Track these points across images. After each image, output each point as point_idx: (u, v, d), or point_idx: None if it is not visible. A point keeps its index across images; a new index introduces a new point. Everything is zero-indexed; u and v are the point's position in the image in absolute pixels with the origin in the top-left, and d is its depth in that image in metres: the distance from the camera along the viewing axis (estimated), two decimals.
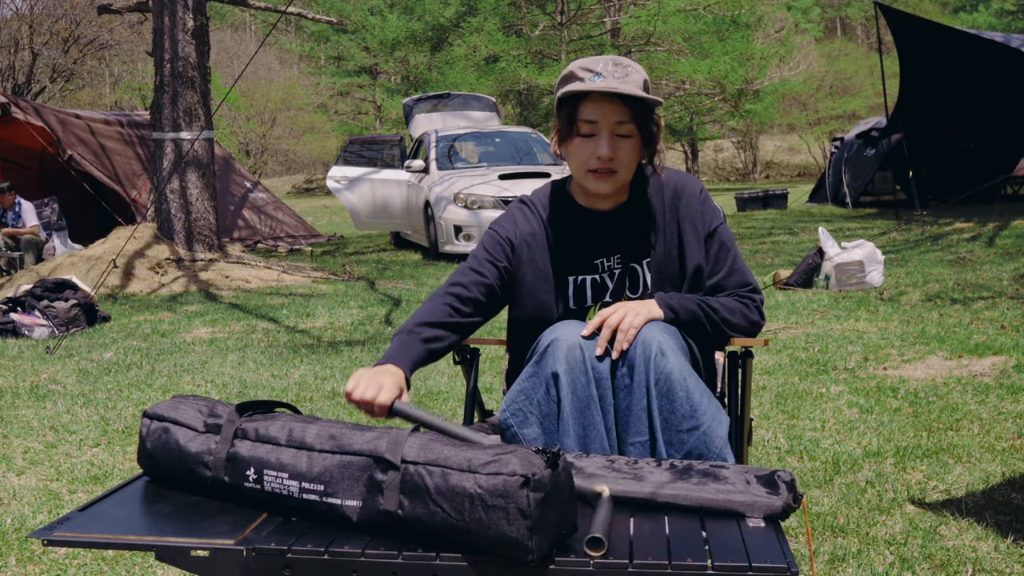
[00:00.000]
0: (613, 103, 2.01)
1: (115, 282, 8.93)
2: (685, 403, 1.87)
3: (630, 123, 2.03)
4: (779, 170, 34.79)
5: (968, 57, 13.64)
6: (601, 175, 2.06)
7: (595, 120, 2.03)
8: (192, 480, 1.74)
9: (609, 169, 2.05)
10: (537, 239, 2.16)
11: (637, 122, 2.03)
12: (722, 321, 2.06)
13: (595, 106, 2.02)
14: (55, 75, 26.99)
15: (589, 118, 2.03)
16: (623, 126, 2.03)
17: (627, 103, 2.01)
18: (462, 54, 22.90)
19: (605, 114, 2.02)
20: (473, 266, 2.16)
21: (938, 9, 40.53)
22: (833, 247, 7.45)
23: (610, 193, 2.11)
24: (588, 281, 2.14)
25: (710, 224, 2.13)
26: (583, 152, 2.05)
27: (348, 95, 38.41)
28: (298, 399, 4.63)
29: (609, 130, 2.03)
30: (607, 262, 2.14)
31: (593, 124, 2.03)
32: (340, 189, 12.47)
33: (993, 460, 3.34)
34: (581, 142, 2.06)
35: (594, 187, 2.08)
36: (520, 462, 1.46)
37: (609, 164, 2.04)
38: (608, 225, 2.15)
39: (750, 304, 2.11)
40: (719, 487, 1.67)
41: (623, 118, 2.02)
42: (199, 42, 9.91)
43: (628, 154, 2.05)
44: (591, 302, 2.14)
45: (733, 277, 2.12)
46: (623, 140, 2.04)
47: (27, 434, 4.16)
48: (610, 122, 2.02)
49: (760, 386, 4.49)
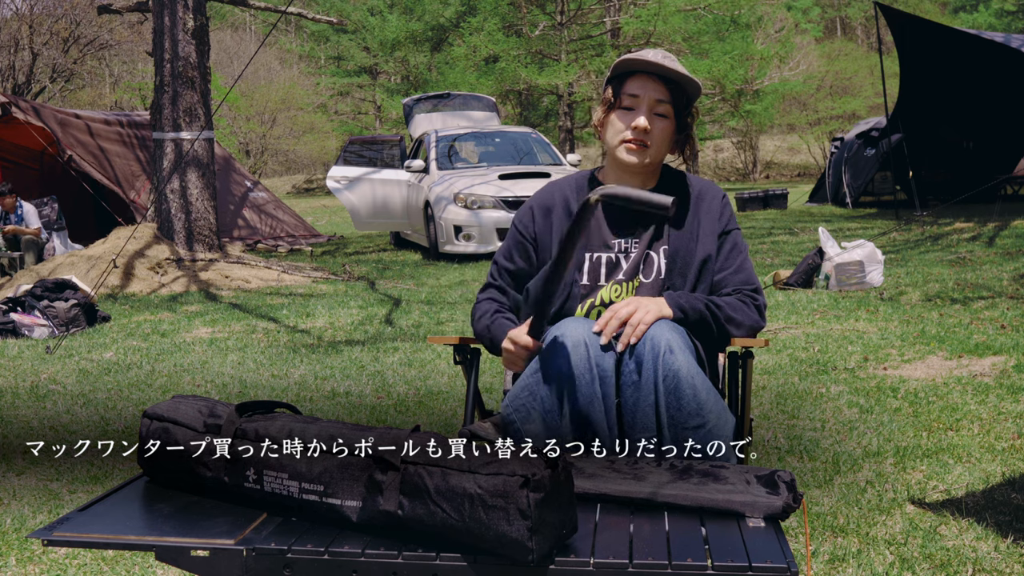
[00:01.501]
0: (655, 81, 2.19)
1: (115, 282, 8.93)
2: (692, 401, 1.88)
3: (668, 103, 2.20)
4: (779, 170, 34.77)
5: (968, 57, 13.64)
6: (634, 146, 2.20)
7: (637, 95, 2.20)
8: (192, 480, 1.74)
9: (642, 142, 2.19)
10: (558, 223, 2.26)
11: (675, 104, 2.20)
12: (727, 321, 2.12)
13: (639, 82, 2.20)
14: (55, 75, 26.97)
15: (632, 92, 2.20)
16: (661, 105, 2.20)
17: (668, 85, 2.19)
18: (462, 54, 22.89)
19: (647, 90, 2.19)
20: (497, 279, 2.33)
21: (938, 9, 40.50)
22: (833, 247, 7.45)
23: (639, 167, 2.22)
24: (603, 259, 2.21)
25: (727, 225, 2.25)
26: (621, 123, 2.22)
27: (348, 95, 38.39)
28: (298, 399, 4.63)
29: (648, 106, 2.19)
30: (624, 243, 2.22)
31: (635, 98, 2.20)
32: (340, 189, 12.46)
33: (993, 460, 3.34)
34: (621, 114, 2.22)
35: (626, 157, 2.22)
36: (520, 462, 1.46)
37: (643, 136, 2.19)
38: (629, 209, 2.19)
39: (751, 304, 2.17)
40: (719, 487, 1.67)
41: (663, 97, 2.19)
42: (199, 42, 9.91)
43: (661, 134, 2.21)
44: (604, 280, 2.20)
45: (740, 275, 2.21)
46: (659, 119, 2.20)
47: (27, 434, 4.16)
48: (650, 99, 2.19)
49: (760, 386, 4.49)
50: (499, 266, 2.33)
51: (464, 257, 10.79)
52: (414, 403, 4.47)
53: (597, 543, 1.52)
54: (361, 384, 4.90)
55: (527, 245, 2.29)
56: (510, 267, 2.31)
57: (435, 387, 4.76)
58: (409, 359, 5.44)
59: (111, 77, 35.48)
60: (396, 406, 4.43)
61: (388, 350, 5.72)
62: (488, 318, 2.24)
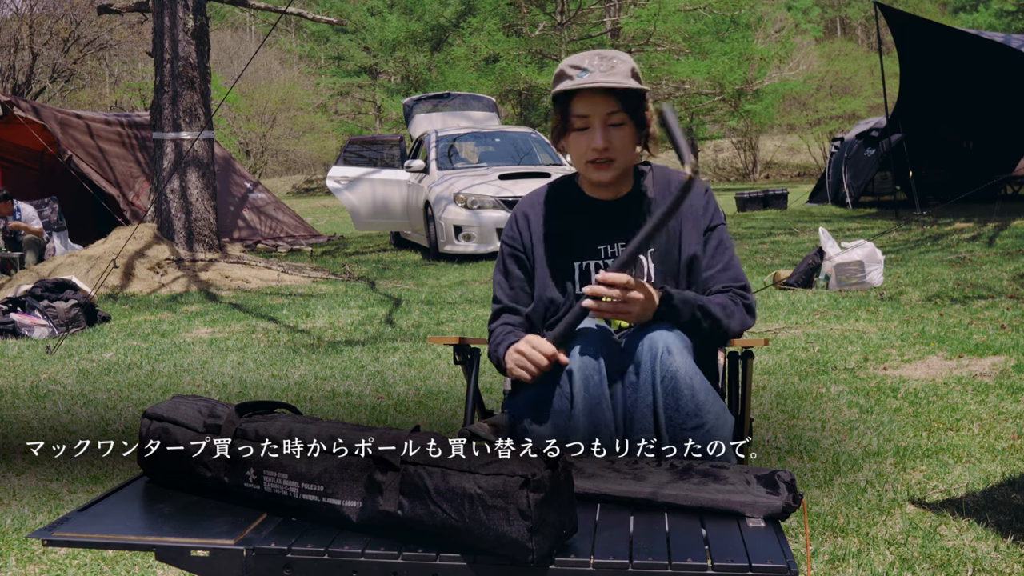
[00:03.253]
0: (602, 96, 2.10)
1: (115, 282, 8.93)
2: (690, 402, 1.88)
3: (620, 112, 2.12)
4: (779, 170, 34.78)
5: (968, 57, 13.64)
6: (599, 165, 2.15)
7: (586, 114, 2.12)
8: (192, 480, 1.74)
9: (606, 158, 2.14)
10: (545, 233, 2.24)
11: (627, 110, 2.13)
12: (717, 322, 2.10)
13: (585, 101, 2.12)
14: (55, 75, 26.97)
15: (581, 113, 2.13)
16: (614, 116, 2.12)
17: (615, 94, 2.10)
18: (462, 54, 22.90)
19: (595, 107, 2.11)
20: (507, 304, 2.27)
21: (938, 9, 40.49)
22: (833, 247, 7.45)
23: (611, 181, 2.19)
24: (593, 266, 2.20)
25: (711, 220, 2.21)
26: (580, 145, 2.16)
27: (348, 95, 38.39)
28: (298, 399, 4.63)
29: (601, 121, 2.12)
30: (612, 248, 2.20)
31: (585, 118, 2.13)
32: (340, 189, 12.46)
33: (993, 460, 3.34)
34: (577, 136, 2.16)
35: (595, 177, 2.18)
36: (520, 462, 1.46)
37: (605, 154, 2.13)
38: (613, 213, 2.22)
39: (741, 303, 2.16)
40: (719, 487, 1.67)
41: (613, 108, 2.11)
42: (199, 42, 9.91)
43: (623, 142, 2.14)
44: None
45: (728, 272, 2.18)
46: (616, 129, 2.13)
47: (27, 434, 4.16)
48: (601, 114, 2.12)
49: (760, 386, 4.49)
50: (501, 287, 2.28)
51: (464, 257, 10.79)
52: (414, 403, 4.47)
53: (597, 543, 1.52)
54: (361, 384, 4.90)
55: (519, 255, 2.26)
56: (511, 282, 2.27)
57: (435, 387, 4.76)
58: (409, 359, 5.44)
59: (111, 77, 35.47)
60: (396, 406, 4.43)
61: (388, 350, 5.72)
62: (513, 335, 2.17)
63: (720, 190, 26.48)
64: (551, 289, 2.20)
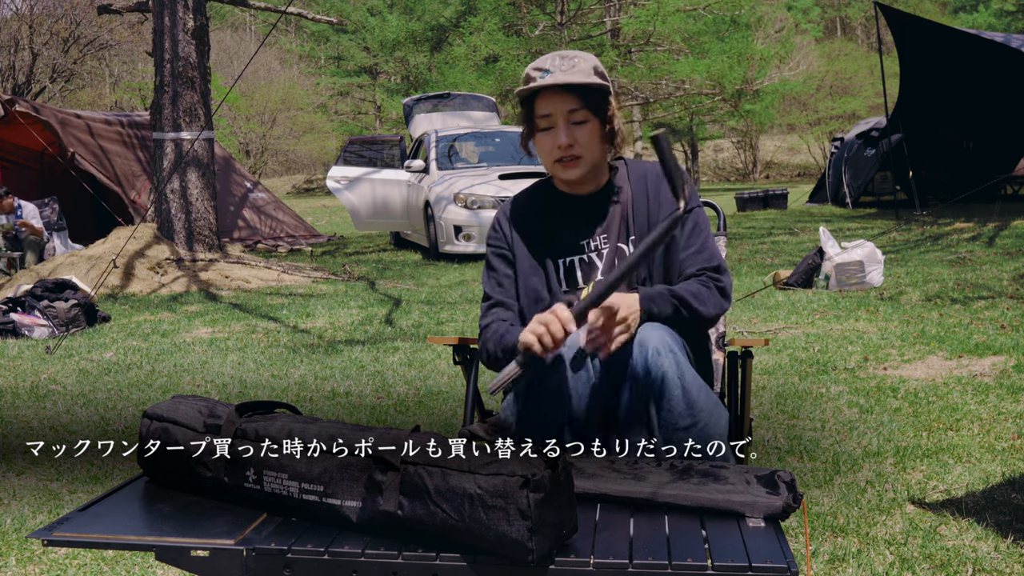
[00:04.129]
0: (562, 95, 2.13)
1: (115, 282, 8.93)
2: (681, 401, 1.89)
3: (582, 109, 2.14)
4: (779, 170, 34.78)
5: (968, 57, 13.64)
6: (566, 163, 2.17)
7: (549, 113, 2.15)
8: (192, 481, 1.74)
9: (572, 155, 2.16)
10: (527, 233, 2.25)
11: (590, 107, 2.14)
12: (694, 314, 2.09)
13: (547, 100, 2.14)
14: (55, 75, 26.98)
15: (543, 112, 2.16)
16: (576, 113, 2.14)
17: (575, 92, 2.12)
18: (462, 54, 22.89)
19: (556, 106, 2.14)
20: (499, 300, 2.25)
21: (938, 9, 40.48)
22: (833, 247, 7.45)
23: (580, 179, 2.21)
24: (576, 261, 2.21)
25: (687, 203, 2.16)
26: (546, 145, 2.18)
27: (348, 95, 38.39)
28: (298, 399, 4.63)
29: (564, 120, 2.14)
30: (593, 242, 2.22)
31: (548, 117, 2.15)
32: (340, 189, 12.47)
33: (993, 460, 3.34)
34: (542, 136, 2.18)
35: (563, 175, 2.20)
36: (520, 462, 1.46)
37: (570, 151, 2.15)
38: (590, 208, 2.24)
39: (714, 287, 2.14)
40: (719, 487, 1.67)
41: (574, 106, 2.13)
42: (199, 42, 9.91)
43: (588, 138, 2.16)
44: (582, 283, 2.20)
45: (703, 254, 2.18)
46: (579, 127, 2.15)
47: (27, 434, 4.16)
48: (563, 112, 2.14)
49: (760, 386, 4.49)
50: (491, 285, 2.27)
51: (464, 257, 10.79)
52: (414, 403, 4.47)
53: (597, 543, 1.52)
54: (361, 384, 4.90)
55: (505, 254, 2.27)
56: (501, 279, 2.26)
57: (435, 387, 4.76)
58: (409, 359, 5.44)
59: (111, 77, 35.47)
60: (396, 406, 4.43)
61: (388, 350, 5.72)
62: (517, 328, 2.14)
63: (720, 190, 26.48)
64: (535, 288, 2.20)
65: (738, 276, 8.29)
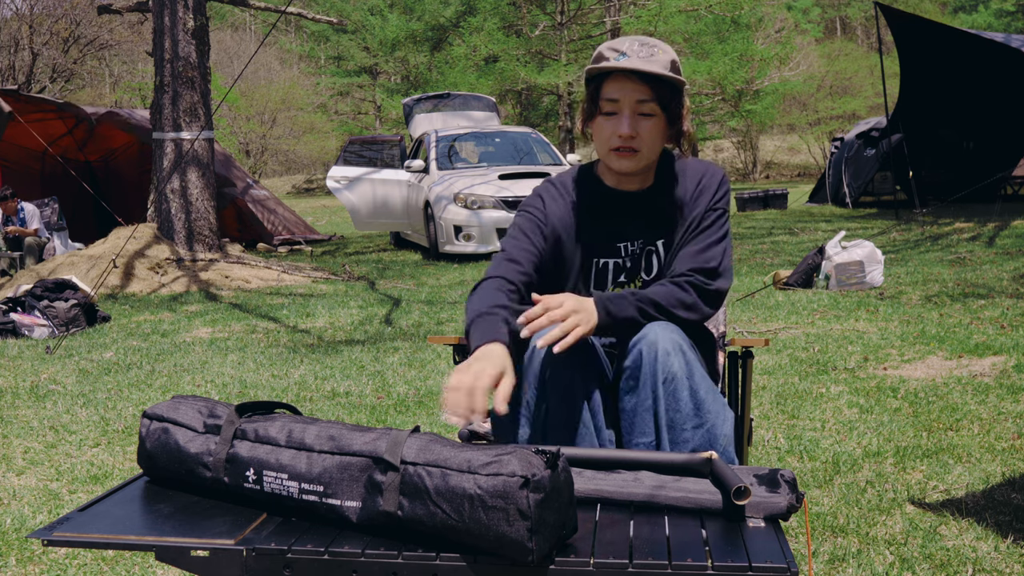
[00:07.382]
0: (634, 82, 2.01)
1: (115, 282, 8.93)
2: (690, 402, 1.87)
3: (652, 102, 2.02)
4: (779, 170, 34.78)
5: (968, 57, 13.64)
6: (623, 153, 2.06)
7: (616, 99, 2.03)
8: (192, 481, 1.74)
9: (630, 148, 2.05)
10: (565, 223, 2.16)
11: (660, 102, 2.03)
12: (669, 315, 1.99)
13: (617, 85, 2.02)
14: (55, 75, 26.98)
15: (611, 96, 2.04)
16: (644, 105, 2.02)
17: (649, 82, 2.01)
18: (462, 54, 22.90)
19: (626, 93, 2.02)
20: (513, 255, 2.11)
21: (938, 9, 40.49)
22: (833, 247, 7.46)
23: (633, 171, 2.10)
24: (611, 264, 2.14)
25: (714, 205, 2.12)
26: (606, 130, 2.06)
27: (348, 95, 38.39)
28: (298, 399, 4.63)
29: (630, 109, 2.03)
30: (631, 246, 2.13)
31: (615, 103, 2.04)
32: (340, 189, 12.47)
33: (993, 460, 3.34)
34: (604, 121, 2.06)
35: (616, 165, 2.09)
36: (520, 463, 1.45)
37: (630, 143, 2.04)
38: (635, 207, 2.14)
39: (694, 288, 2.02)
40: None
41: (644, 97, 2.02)
42: (199, 42, 9.91)
43: (651, 133, 2.05)
44: (611, 285, 2.15)
45: (701, 255, 2.06)
46: (645, 119, 2.04)
47: (27, 434, 4.16)
48: (631, 101, 2.02)
49: (760, 386, 4.49)
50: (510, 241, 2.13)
51: (464, 257, 10.79)
52: (414, 403, 4.47)
53: (597, 543, 1.52)
54: (361, 384, 4.90)
55: (541, 226, 2.15)
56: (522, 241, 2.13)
57: (435, 387, 4.76)
58: (409, 359, 5.44)
59: (111, 77, 35.49)
60: (396, 406, 4.43)
61: (388, 350, 5.72)
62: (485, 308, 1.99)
63: None
64: (564, 283, 2.14)
65: (738, 276, 8.29)
